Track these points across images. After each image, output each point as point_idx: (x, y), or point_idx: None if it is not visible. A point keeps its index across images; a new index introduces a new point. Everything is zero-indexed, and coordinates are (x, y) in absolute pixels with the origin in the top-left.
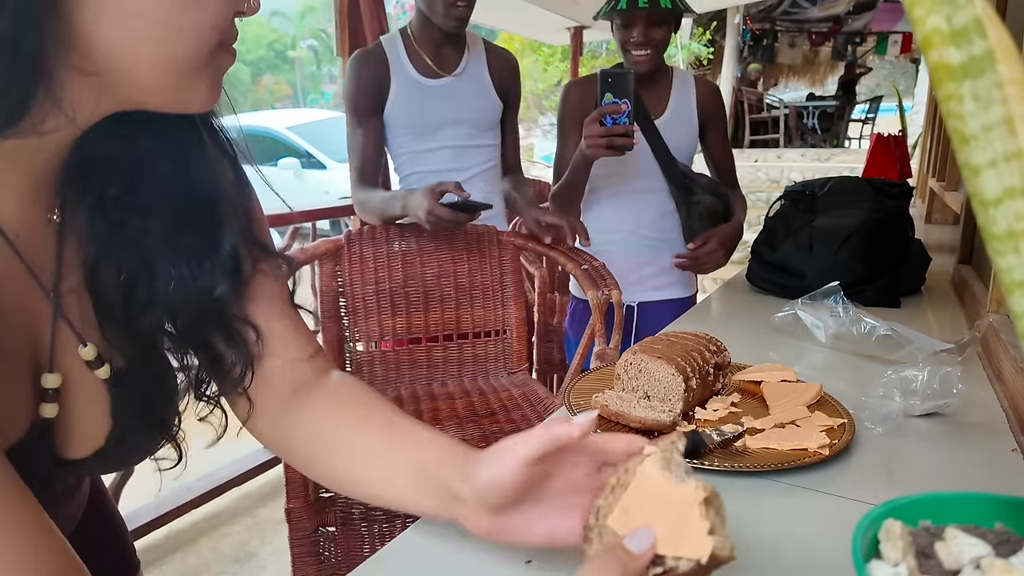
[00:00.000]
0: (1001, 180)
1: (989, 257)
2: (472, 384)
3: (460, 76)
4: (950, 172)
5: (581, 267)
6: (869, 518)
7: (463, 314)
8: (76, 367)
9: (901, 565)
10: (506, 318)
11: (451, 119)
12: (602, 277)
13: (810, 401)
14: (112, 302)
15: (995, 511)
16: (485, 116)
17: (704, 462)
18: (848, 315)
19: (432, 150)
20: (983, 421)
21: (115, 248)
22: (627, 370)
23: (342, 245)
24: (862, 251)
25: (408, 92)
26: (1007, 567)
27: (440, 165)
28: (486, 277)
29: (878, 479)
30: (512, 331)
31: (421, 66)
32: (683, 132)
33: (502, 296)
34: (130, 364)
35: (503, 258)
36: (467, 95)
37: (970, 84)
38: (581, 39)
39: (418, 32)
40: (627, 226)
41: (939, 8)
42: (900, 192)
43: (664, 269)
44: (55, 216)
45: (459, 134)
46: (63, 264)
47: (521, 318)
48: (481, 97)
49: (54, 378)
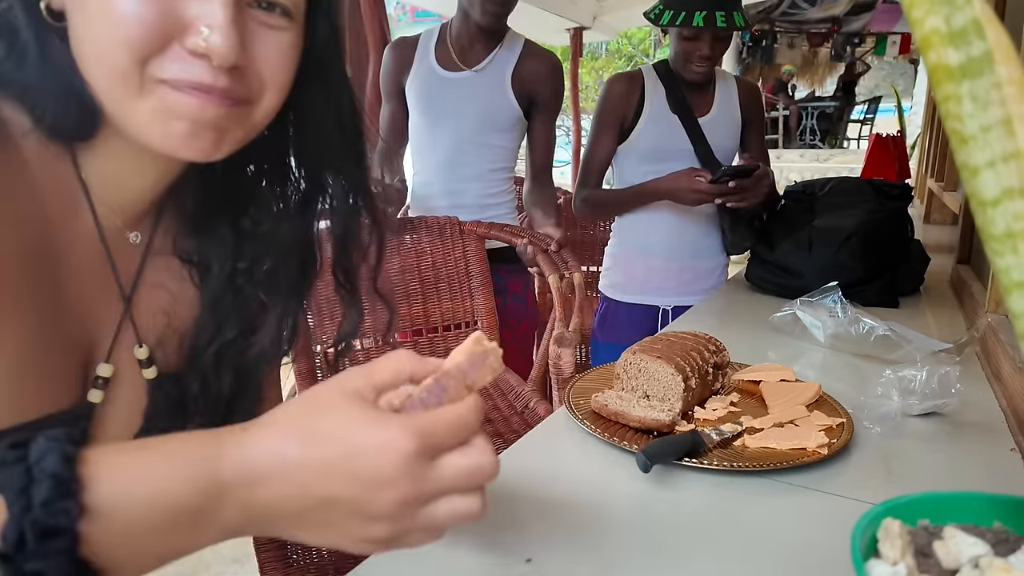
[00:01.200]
0: (999, 180)
1: (988, 257)
2: None
3: (480, 72)
4: (949, 172)
5: (544, 250)
6: (868, 517)
7: (431, 308)
8: (125, 363)
9: (900, 564)
10: (475, 309)
11: (455, 111)
12: (563, 260)
13: (809, 401)
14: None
15: (993, 510)
16: (493, 114)
17: (703, 461)
18: (847, 315)
19: (433, 141)
20: (981, 421)
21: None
22: (627, 369)
23: None
24: (861, 251)
25: (422, 79)
26: (1006, 566)
27: (439, 156)
28: (451, 269)
29: (877, 478)
30: (482, 321)
31: (444, 57)
32: (726, 132)
33: (469, 287)
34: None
35: (467, 248)
36: (478, 91)
37: (969, 85)
38: (581, 40)
39: (456, 27)
40: (670, 230)
41: (938, 9)
42: (900, 193)
43: (701, 274)
44: (136, 237)
45: (461, 127)
46: (140, 277)
47: (490, 308)
48: (493, 95)
49: (108, 368)
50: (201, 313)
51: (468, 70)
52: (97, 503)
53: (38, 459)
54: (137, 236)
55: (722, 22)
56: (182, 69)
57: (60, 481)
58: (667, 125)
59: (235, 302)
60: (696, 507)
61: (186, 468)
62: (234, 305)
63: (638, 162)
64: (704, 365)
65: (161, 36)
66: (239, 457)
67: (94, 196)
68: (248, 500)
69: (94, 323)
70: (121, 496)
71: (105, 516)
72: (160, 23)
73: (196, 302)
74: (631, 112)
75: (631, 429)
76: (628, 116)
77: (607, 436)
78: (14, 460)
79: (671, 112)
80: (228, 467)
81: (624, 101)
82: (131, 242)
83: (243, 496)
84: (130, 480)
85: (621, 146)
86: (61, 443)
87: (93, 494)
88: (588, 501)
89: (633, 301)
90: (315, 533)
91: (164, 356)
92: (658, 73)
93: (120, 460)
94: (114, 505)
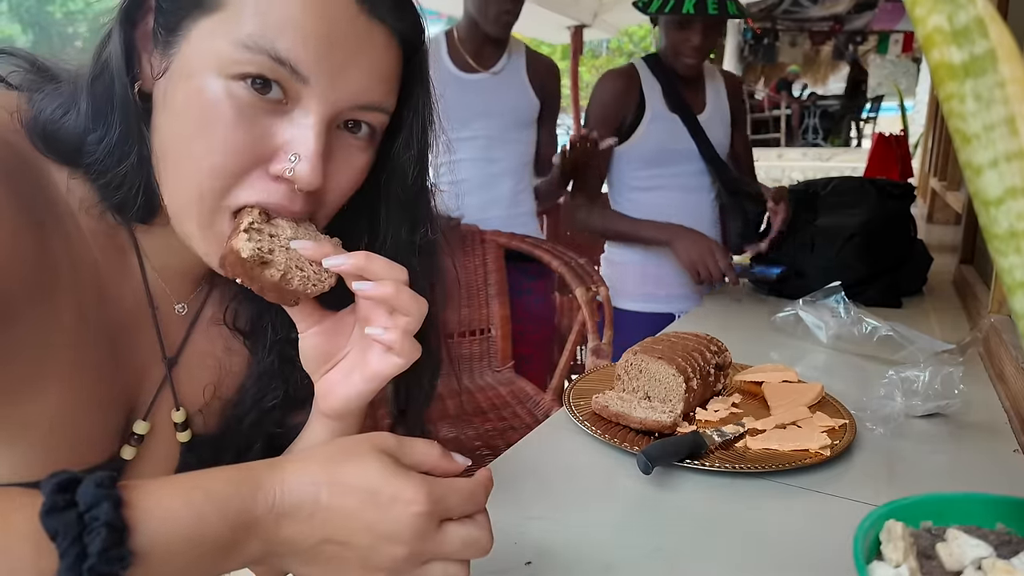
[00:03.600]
0: (1003, 180)
1: (991, 257)
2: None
3: (499, 74)
4: (952, 172)
5: (567, 264)
6: (870, 519)
7: (448, 314)
8: (162, 424)
9: (902, 566)
10: (490, 316)
11: (484, 111)
12: (588, 274)
13: (811, 402)
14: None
15: (997, 512)
16: (520, 113)
17: (705, 463)
18: (849, 315)
19: (464, 139)
20: (985, 422)
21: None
22: (628, 371)
23: None
24: (863, 251)
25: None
26: (1008, 568)
27: (472, 154)
28: (470, 276)
29: (879, 480)
30: (497, 329)
31: (460, 62)
32: (722, 129)
33: (486, 295)
34: (215, 435)
35: (487, 257)
36: (503, 90)
37: (972, 83)
38: (581, 38)
39: (464, 33)
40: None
41: (941, 7)
42: (903, 193)
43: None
44: (183, 308)
45: (492, 125)
46: (186, 343)
47: (505, 316)
48: (517, 94)
49: (144, 425)
50: (246, 381)
51: (485, 72)
52: (144, 546)
53: (90, 506)
54: (184, 307)
55: (714, 9)
56: (262, 193)
57: (114, 529)
58: (669, 124)
59: (282, 371)
60: (698, 509)
61: (224, 506)
62: (280, 374)
63: (640, 165)
64: (706, 366)
65: (251, 164)
66: (273, 495)
67: (146, 262)
68: (273, 534)
69: (137, 385)
70: (165, 536)
71: (151, 557)
72: (251, 151)
73: (244, 371)
74: (630, 112)
75: (632, 430)
76: (627, 116)
77: (608, 438)
78: (64, 506)
79: (670, 111)
80: (262, 504)
81: (622, 100)
82: (177, 312)
83: (269, 530)
84: (173, 520)
85: (619, 149)
86: (109, 489)
87: (141, 537)
88: (589, 503)
89: (636, 309)
90: (321, 570)
91: (203, 420)
92: (651, 67)
93: (162, 502)
94: (158, 544)
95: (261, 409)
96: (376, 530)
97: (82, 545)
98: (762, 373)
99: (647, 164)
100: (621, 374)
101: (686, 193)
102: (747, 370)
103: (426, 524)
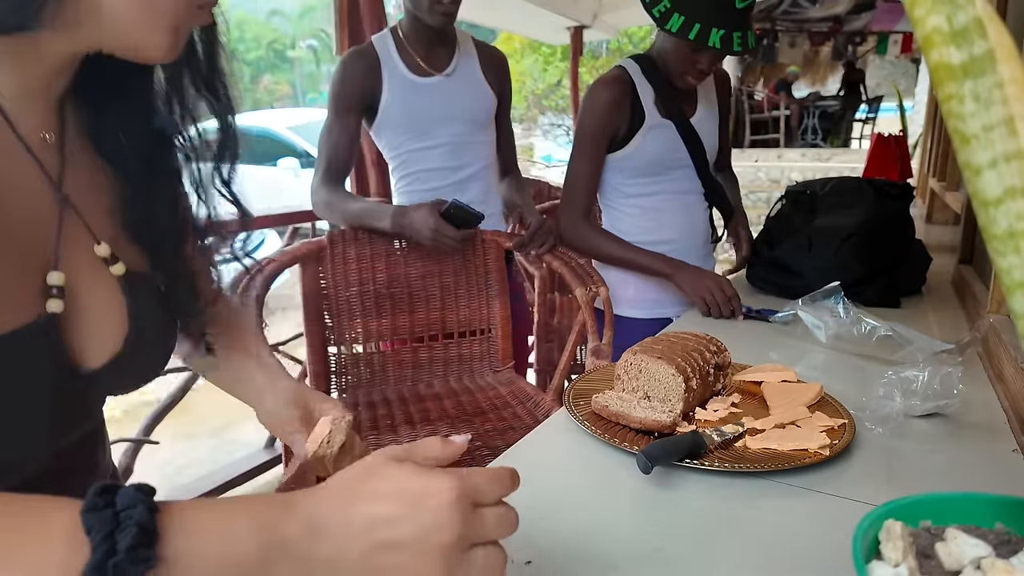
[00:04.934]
0: (1002, 180)
1: (990, 257)
2: (459, 384)
3: (452, 75)
4: (951, 172)
5: (567, 264)
6: (870, 518)
7: (448, 314)
8: (91, 266)
9: (902, 566)
10: (491, 317)
11: (446, 115)
12: (588, 274)
13: (810, 401)
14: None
15: (996, 512)
16: (480, 112)
17: (704, 463)
18: (848, 315)
19: (429, 148)
20: (984, 421)
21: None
22: (627, 370)
23: (325, 246)
24: (862, 251)
25: (401, 91)
26: (1008, 568)
27: (438, 163)
28: (471, 276)
29: (878, 479)
30: (497, 330)
31: (413, 65)
32: (711, 131)
33: (487, 295)
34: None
35: (487, 257)
36: (461, 92)
37: (971, 84)
38: (581, 39)
39: (408, 30)
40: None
41: (940, 8)
42: (901, 193)
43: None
44: (49, 136)
45: (455, 131)
46: (65, 175)
47: (506, 316)
48: (475, 93)
49: (58, 276)
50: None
51: (439, 75)
52: (172, 554)
53: (125, 507)
54: (51, 135)
55: (739, 46)
56: None
57: (144, 530)
58: (665, 133)
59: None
60: (697, 508)
61: (255, 527)
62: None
63: (636, 174)
64: (705, 366)
65: None
66: (305, 515)
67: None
68: (308, 554)
69: (32, 235)
70: (194, 549)
71: (178, 566)
72: None
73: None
74: (624, 123)
75: (632, 430)
76: (621, 127)
77: (608, 437)
78: (103, 505)
79: (663, 117)
80: (293, 526)
81: (616, 111)
82: (47, 141)
83: (303, 551)
84: (204, 534)
85: (612, 158)
86: (146, 496)
87: (170, 545)
88: (589, 503)
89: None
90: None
91: (124, 254)
92: (644, 70)
93: (196, 516)
94: (187, 555)
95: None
96: (421, 523)
97: (113, 541)
98: (761, 373)
99: (643, 173)
100: (621, 374)
101: (681, 195)
102: (746, 370)
103: (464, 506)
